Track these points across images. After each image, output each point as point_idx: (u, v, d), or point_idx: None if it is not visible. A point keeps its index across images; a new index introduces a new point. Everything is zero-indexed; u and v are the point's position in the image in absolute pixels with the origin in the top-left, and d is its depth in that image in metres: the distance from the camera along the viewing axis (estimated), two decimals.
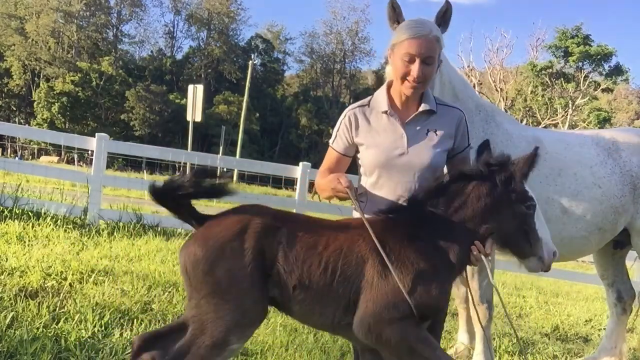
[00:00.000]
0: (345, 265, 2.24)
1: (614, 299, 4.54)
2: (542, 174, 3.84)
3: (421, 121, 2.51)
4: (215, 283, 2.17)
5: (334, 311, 2.26)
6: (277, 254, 2.23)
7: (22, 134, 16.36)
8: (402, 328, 2.18)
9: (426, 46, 2.37)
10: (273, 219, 2.30)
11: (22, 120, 54.03)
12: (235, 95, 54.47)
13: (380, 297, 2.19)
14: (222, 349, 2.17)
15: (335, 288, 2.23)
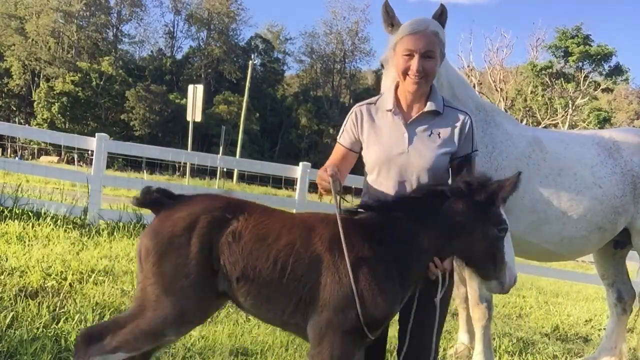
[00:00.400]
0: (298, 262, 2.20)
1: (614, 299, 4.54)
2: (542, 174, 3.85)
3: (425, 122, 2.50)
4: (161, 275, 2.19)
5: (283, 308, 2.24)
6: (225, 247, 2.21)
7: (22, 134, 16.35)
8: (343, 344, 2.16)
9: (424, 40, 2.38)
10: (224, 211, 2.28)
11: (22, 120, 54.02)
12: (235, 95, 54.46)
13: (334, 303, 2.16)
14: (156, 338, 2.20)
15: (285, 285, 2.20)
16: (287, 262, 2.20)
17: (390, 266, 2.23)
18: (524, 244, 3.94)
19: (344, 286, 2.16)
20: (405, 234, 2.27)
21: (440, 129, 2.48)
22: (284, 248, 2.22)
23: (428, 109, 2.49)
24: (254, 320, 4.29)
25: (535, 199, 3.81)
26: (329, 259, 2.20)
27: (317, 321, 2.19)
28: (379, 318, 2.21)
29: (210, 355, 3.50)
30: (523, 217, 3.81)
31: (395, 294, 2.25)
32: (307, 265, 2.20)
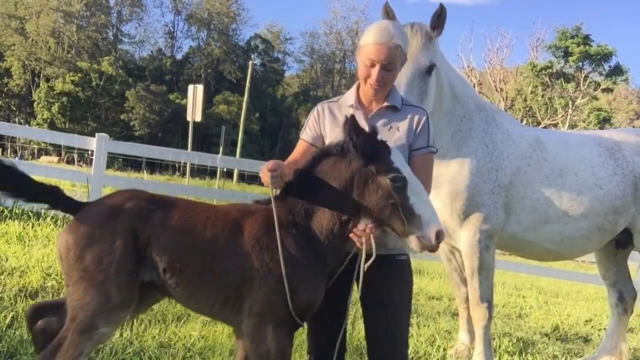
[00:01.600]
0: (223, 256, 2.22)
1: (616, 299, 4.54)
2: (542, 174, 3.85)
3: (385, 116, 2.56)
4: (83, 269, 2.18)
5: (211, 302, 2.25)
6: (150, 238, 2.22)
7: (22, 134, 16.36)
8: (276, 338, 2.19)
9: (386, 53, 2.43)
10: (148, 203, 2.29)
11: (22, 120, 53.98)
12: (235, 95, 54.46)
13: (261, 297, 2.18)
14: (90, 333, 2.18)
15: (212, 277, 2.21)
16: (213, 255, 2.22)
17: (308, 249, 2.24)
18: (525, 244, 3.94)
19: (271, 279, 2.18)
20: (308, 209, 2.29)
21: (398, 123, 2.54)
22: (209, 241, 2.24)
23: (387, 104, 2.56)
24: None
25: (536, 199, 3.81)
26: (254, 252, 2.22)
27: (249, 318, 2.21)
28: (308, 304, 2.24)
29: (210, 355, 3.50)
30: (524, 216, 3.81)
31: (318, 275, 2.27)
32: (233, 259, 2.22)
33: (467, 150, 3.74)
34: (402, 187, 2.18)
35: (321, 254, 2.28)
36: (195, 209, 2.36)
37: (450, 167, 3.72)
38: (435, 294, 6.62)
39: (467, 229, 3.73)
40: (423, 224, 2.15)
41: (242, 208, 2.39)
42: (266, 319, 2.19)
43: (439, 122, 3.69)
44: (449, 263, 4.33)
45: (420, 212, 2.16)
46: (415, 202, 2.17)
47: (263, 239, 2.23)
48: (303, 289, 2.20)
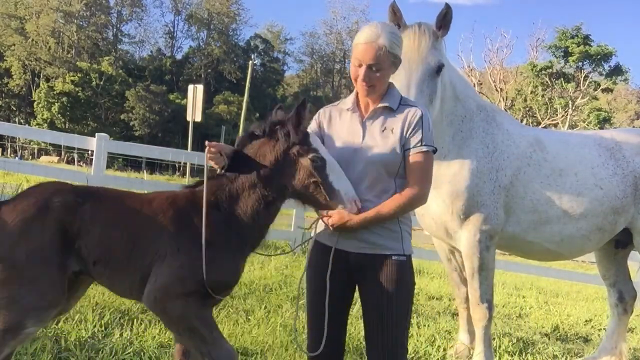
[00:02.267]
0: (144, 240, 2.27)
1: (616, 299, 4.54)
2: (542, 174, 3.85)
3: (380, 118, 2.54)
4: (12, 267, 2.16)
5: (130, 284, 2.30)
6: (79, 231, 2.23)
7: (22, 134, 16.37)
8: (185, 304, 2.22)
9: (371, 53, 2.42)
10: (75, 195, 2.30)
11: (22, 120, 53.99)
12: (235, 95, 54.47)
13: (168, 271, 2.22)
14: (16, 332, 2.17)
15: (132, 262, 2.27)
16: (136, 241, 2.28)
17: (228, 229, 2.32)
18: (525, 244, 3.94)
19: (183, 255, 2.24)
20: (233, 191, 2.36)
21: (393, 124, 2.50)
22: (134, 228, 2.29)
23: (381, 105, 2.54)
24: (254, 320, 4.29)
25: (536, 199, 3.81)
26: (170, 232, 2.28)
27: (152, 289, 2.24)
28: (224, 280, 2.31)
29: None
30: (524, 217, 3.81)
31: (236, 254, 2.34)
32: (150, 241, 2.27)
33: (468, 151, 3.73)
34: (322, 166, 2.34)
35: (243, 233, 2.36)
36: (121, 199, 2.40)
37: (450, 167, 3.72)
38: (435, 294, 6.61)
39: (467, 229, 3.73)
40: (343, 197, 2.34)
41: (166, 194, 2.46)
42: (169, 291, 2.22)
43: (441, 123, 3.68)
44: (448, 263, 4.33)
45: (338, 187, 2.34)
46: (334, 179, 2.34)
47: (180, 220, 2.30)
48: (219, 266, 2.25)
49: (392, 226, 2.50)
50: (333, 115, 2.65)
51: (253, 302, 4.80)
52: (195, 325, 2.23)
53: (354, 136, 2.53)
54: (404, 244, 2.52)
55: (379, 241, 2.48)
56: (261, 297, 4.92)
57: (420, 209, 3.98)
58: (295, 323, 3.00)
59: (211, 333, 2.25)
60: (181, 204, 2.36)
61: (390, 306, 2.48)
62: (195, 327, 2.23)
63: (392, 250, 2.50)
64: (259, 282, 5.41)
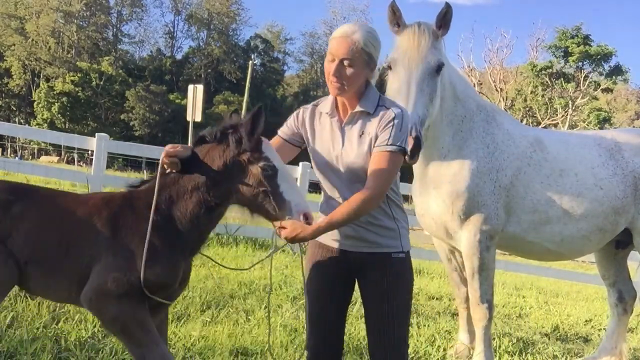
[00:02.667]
0: (79, 240, 2.24)
1: (615, 299, 4.54)
2: (543, 174, 3.84)
3: (358, 123, 2.48)
4: None
5: (68, 286, 2.25)
6: (10, 230, 2.20)
7: (22, 134, 16.37)
8: (119, 305, 2.19)
9: (344, 47, 2.35)
10: (7, 193, 2.27)
11: (22, 120, 53.97)
12: (235, 95, 54.47)
13: (105, 271, 2.19)
14: None
15: (68, 263, 2.23)
16: (71, 241, 2.24)
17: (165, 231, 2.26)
18: (525, 244, 3.94)
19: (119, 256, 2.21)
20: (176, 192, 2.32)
21: (370, 128, 2.44)
22: (68, 228, 2.25)
23: (356, 109, 2.48)
24: (254, 320, 4.29)
25: (537, 199, 3.81)
26: (106, 233, 2.24)
27: (86, 290, 2.21)
28: (161, 282, 2.25)
29: (210, 355, 3.50)
30: (524, 217, 3.81)
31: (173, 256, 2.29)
32: (86, 243, 2.24)
33: (468, 151, 3.73)
34: (272, 175, 2.27)
35: (181, 236, 2.30)
36: (55, 198, 2.36)
37: (451, 167, 3.71)
38: (435, 294, 6.61)
39: (467, 230, 3.72)
40: (292, 209, 2.27)
41: (103, 194, 2.44)
42: (104, 291, 2.19)
43: (441, 123, 3.68)
44: (449, 263, 4.33)
45: (289, 198, 2.27)
46: (285, 189, 2.28)
47: (116, 221, 2.26)
48: (154, 267, 2.21)
49: (389, 224, 2.50)
50: (315, 116, 2.60)
51: (253, 302, 4.80)
52: (130, 327, 2.21)
53: (334, 142, 2.51)
54: (402, 241, 2.53)
55: (377, 240, 2.48)
56: (261, 297, 4.92)
57: (420, 209, 3.99)
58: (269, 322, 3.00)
59: (146, 335, 2.22)
60: (117, 204, 2.32)
61: (392, 303, 2.48)
62: (130, 329, 2.21)
63: (391, 248, 2.50)
64: (259, 282, 5.41)
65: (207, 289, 4.99)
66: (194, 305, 4.43)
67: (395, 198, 2.55)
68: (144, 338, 2.21)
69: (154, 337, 2.25)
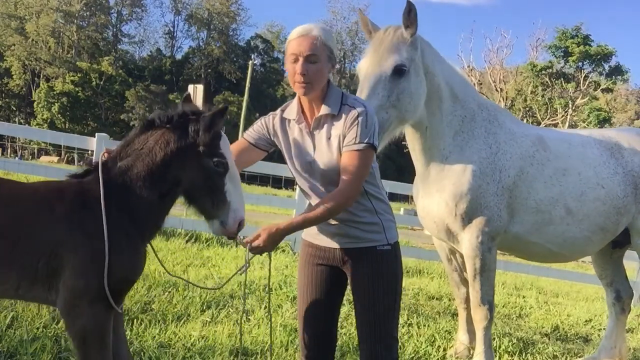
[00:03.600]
0: (30, 233, 2.12)
1: (613, 298, 4.54)
2: (546, 174, 3.83)
3: (324, 126, 2.49)
4: None
5: (17, 281, 2.15)
6: None
7: (22, 134, 16.36)
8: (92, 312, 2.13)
9: (306, 44, 2.38)
10: None
11: (22, 120, 53.96)
12: (235, 95, 54.44)
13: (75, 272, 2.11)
14: None
15: (18, 257, 2.11)
16: (18, 234, 2.11)
17: (125, 222, 2.19)
18: (527, 244, 3.93)
19: (82, 254, 2.12)
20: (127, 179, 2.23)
21: (337, 130, 2.46)
22: (14, 219, 2.13)
23: (321, 113, 2.48)
24: (254, 320, 4.29)
25: (540, 199, 3.79)
26: (64, 228, 2.14)
27: (63, 293, 2.14)
28: (125, 277, 2.21)
29: (210, 355, 3.50)
30: (527, 217, 3.79)
31: (134, 249, 2.23)
32: (40, 237, 2.13)
33: (470, 152, 3.71)
34: (222, 173, 2.23)
35: (138, 225, 2.24)
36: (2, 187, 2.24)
37: (453, 169, 3.69)
38: (435, 294, 6.61)
39: (469, 231, 3.70)
40: (230, 212, 2.24)
41: (51, 185, 2.35)
42: (79, 294, 2.12)
43: (440, 124, 3.67)
44: (449, 263, 4.32)
45: (230, 200, 2.24)
46: (229, 190, 2.24)
47: (73, 214, 2.16)
48: (119, 263, 2.14)
49: (372, 219, 2.53)
50: (284, 123, 2.60)
51: (253, 302, 4.79)
52: (90, 341, 2.14)
53: (306, 148, 2.53)
54: (387, 234, 2.55)
55: (361, 235, 2.52)
56: (261, 297, 4.92)
57: (422, 211, 3.98)
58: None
59: (99, 354, 2.16)
60: (71, 197, 2.20)
61: (379, 296, 2.51)
62: (90, 342, 2.14)
63: (375, 241, 2.53)
64: (258, 282, 5.41)
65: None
66: (194, 305, 4.43)
67: (376, 192, 2.57)
68: (99, 353, 2.16)
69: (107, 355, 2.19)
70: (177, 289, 4.71)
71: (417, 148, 3.78)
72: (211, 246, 7.34)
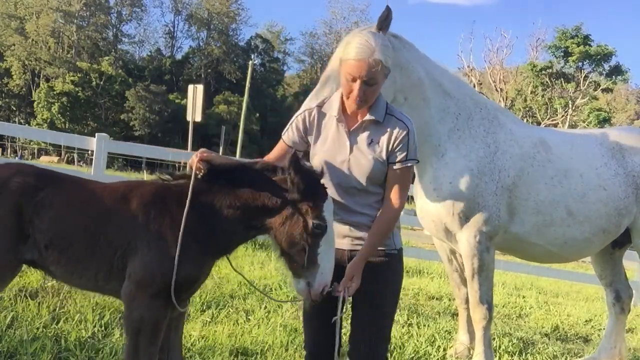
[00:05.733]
0: (109, 229, 2.24)
1: (613, 298, 4.54)
2: (547, 175, 3.82)
3: (367, 130, 2.55)
4: None
5: (95, 274, 2.26)
6: (35, 214, 2.21)
7: (22, 134, 16.36)
8: (151, 304, 2.21)
9: (366, 69, 2.40)
10: (35, 179, 2.28)
11: (22, 120, 53.96)
12: (235, 95, 54.42)
13: (143, 266, 2.20)
14: None
15: (97, 251, 2.23)
16: (99, 229, 2.24)
17: (198, 231, 2.26)
18: (528, 245, 3.92)
19: (154, 249, 2.21)
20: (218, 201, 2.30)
21: (380, 137, 2.52)
22: (96, 216, 2.25)
23: (368, 118, 2.53)
24: (254, 320, 4.29)
25: (540, 200, 3.79)
26: (141, 223, 2.24)
27: (127, 284, 2.23)
28: (188, 280, 2.27)
29: (210, 355, 3.50)
30: (528, 218, 3.79)
31: (201, 258, 2.31)
32: (119, 231, 2.24)
33: (468, 150, 3.72)
34: (319, 235, 2.26)
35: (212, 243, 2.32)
36: (83, 185, 2.37)
37: (451, 168, 3.70)
38: (435, 294, 6.61)
39: (467, 231, 3.71)
40: (318, 275, 2.26)
41: (132, 183, 2.44)
42: (143, 286, 2.21)
43: (432, 119, 3.69)
44: (449, 264, 4.32)
45: (321, 263, 2.26)
46: (322, 253, 2.26)
47: (150, 211, 2.26)
48: (184, 267, 2.21)
49: None
50: (318, 118, 2.62)
51: (253, 302, 4.80)
52: (145, 331, 2.21)
53: (341, 147, 2.55)
54: (395, 239, 2.63)
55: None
56: (261, 297, 4.92)
57: (420, 210, 3.99)
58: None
59: (150, 347, 2.23)
60: (149, 196, 2.30)
61: (385, 299, 2.58)
62: (145, 333, 2.21)
63: (385, 246, 2.58)
64: (259, 282, 5.41)
65: (207, 289, 4.99)
66: (194, 305, 4.43)
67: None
68: (147, 348, 2.22)
69: (154, 351, 2.26)
70: None
71: None
72: None
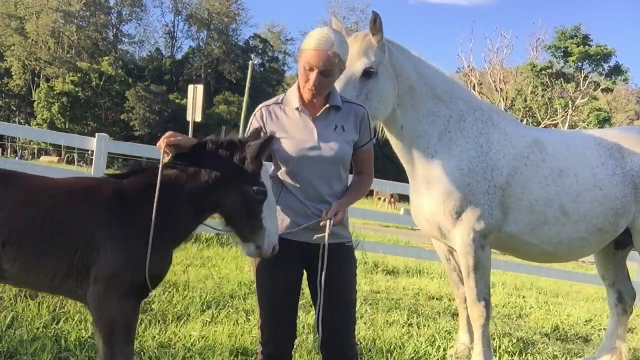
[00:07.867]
0: (66, 226, 2.23)
1: (615, 299, 4.54)
2: (540, 175, 3.85)
3: (329, 116, 2.69)
4: None
5: (53, 273, 2.24)
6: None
7: (22, 134, 16.37)
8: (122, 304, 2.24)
9: (324, 59, 2.52)
10: None
11: (22, 120, 53.96)
12: (235, 95, 54.42)
13: (109, 268, 2.21)
14: None
15: (55, 249, 2.22)
16: (54, 227, 2.23)
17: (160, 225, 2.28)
18: (522, 244, 3.94)
19: (118, 248, 2.22)
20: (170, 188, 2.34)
21: (342, 122, 2.69)
22: (51, 213, 2.24)
23: (331, 104, 2.68)
24: (254, 320, 4.29)
25: (534, 200, 3.81)
26: (101, 222, 2.24)
27: (95, 285, 2.23)
28: (157, 275, 2.32)
29: (210, 355, 3.50)
30: (521, 217, 3.82)
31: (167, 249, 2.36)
32: (77, 230, 2.23)
33: (459, 150, 3.76)
34: (261, 200, 2.39)
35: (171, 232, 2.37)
36: (37, 182, 2.36)
37: (442, 167, 3.74)
38: (435, 294, 6.62)
39: (461, 229, 3.74)
40: (265, 237, 2.39)
41: (87, 180, 2.48)
42: (113, 287, 2.22)
43: (419, 123, 3.75)
44: (447, 263, 4.33)
45: (267, 226, 2.40)
46: (266, 216, 2.40)
47: (112, 210, 2.27)
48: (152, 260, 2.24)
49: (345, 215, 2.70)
50: (277, 113, 2.72)
51: (253, 302, 4.80)
52: (120, 331, 2.25)
53: (308, 135, 2.65)
54: (348, 231, 2.78)
55: (337, 231, 2.66)
56: None
57: (414, 209, 4.03)
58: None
59: (126, 346, 2.27)
60: (108, 194, 2.31)
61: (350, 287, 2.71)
62: (120, 332, 2.25)
63: (345, 238, 2.73)
64: None
65: (207, 289, 4.99)
66: (194, 305, 4.43)
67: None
68: (124, 348, 2.26)
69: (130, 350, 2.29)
70: (177, 289, 4.71)
71: (397, 147, 3.88)
72: (211, 246, 7.35)
